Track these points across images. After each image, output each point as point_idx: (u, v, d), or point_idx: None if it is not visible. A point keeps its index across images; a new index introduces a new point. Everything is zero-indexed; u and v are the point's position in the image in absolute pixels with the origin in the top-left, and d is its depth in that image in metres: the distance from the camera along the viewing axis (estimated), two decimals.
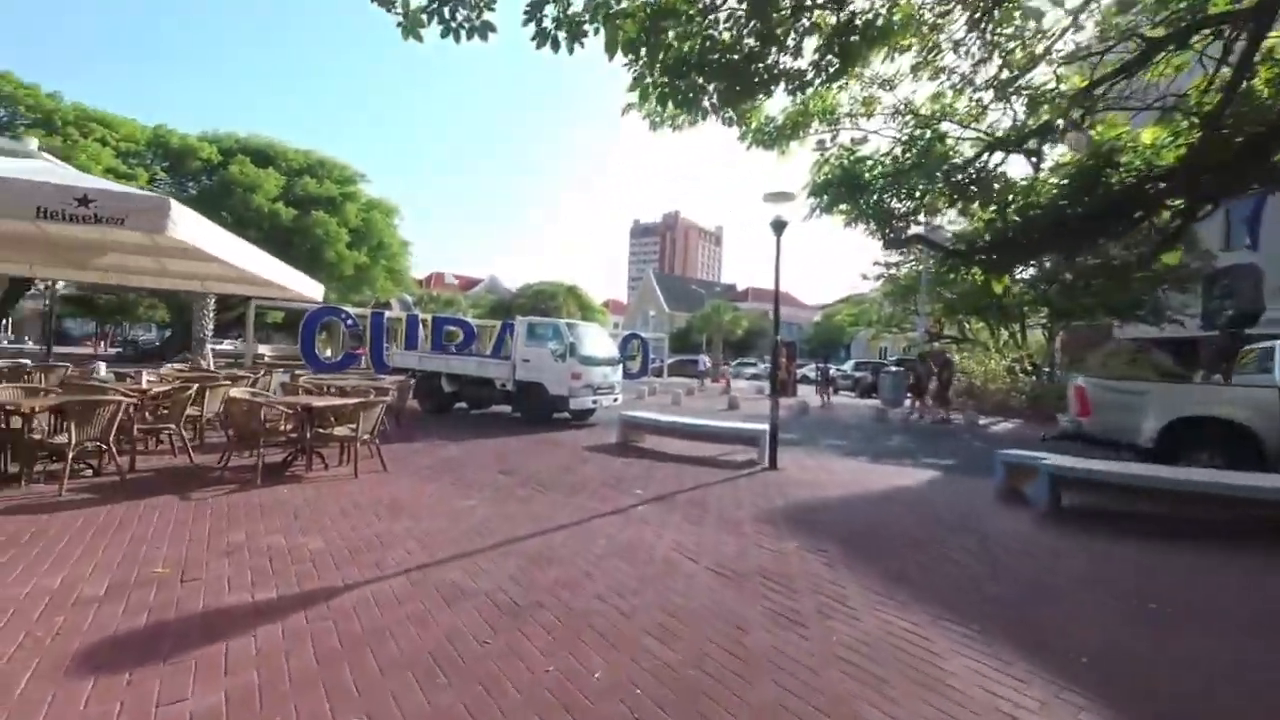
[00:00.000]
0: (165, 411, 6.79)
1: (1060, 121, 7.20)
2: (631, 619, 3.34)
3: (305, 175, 27.25)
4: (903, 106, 8.54)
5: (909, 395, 17.35)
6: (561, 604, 3.49)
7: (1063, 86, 7.46)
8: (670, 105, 5.24)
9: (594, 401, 11.41)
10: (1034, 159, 8.79)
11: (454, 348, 17.19)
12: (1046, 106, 7.26)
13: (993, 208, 8.77)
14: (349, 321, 27.03)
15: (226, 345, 40.66)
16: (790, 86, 5.36)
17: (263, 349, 38.32)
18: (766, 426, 8.62)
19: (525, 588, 3.70)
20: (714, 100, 5.25)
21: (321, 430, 6.46)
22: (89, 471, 5.94)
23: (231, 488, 5.69)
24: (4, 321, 53.72)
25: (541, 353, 11.30)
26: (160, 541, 4.20)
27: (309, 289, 9.65)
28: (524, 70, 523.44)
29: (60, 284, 35.51)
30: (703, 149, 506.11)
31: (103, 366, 19.01)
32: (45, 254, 9.01)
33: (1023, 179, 9.20)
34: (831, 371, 23.43)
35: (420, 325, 27.08)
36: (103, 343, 45.54)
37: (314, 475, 6.36)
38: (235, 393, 6.63)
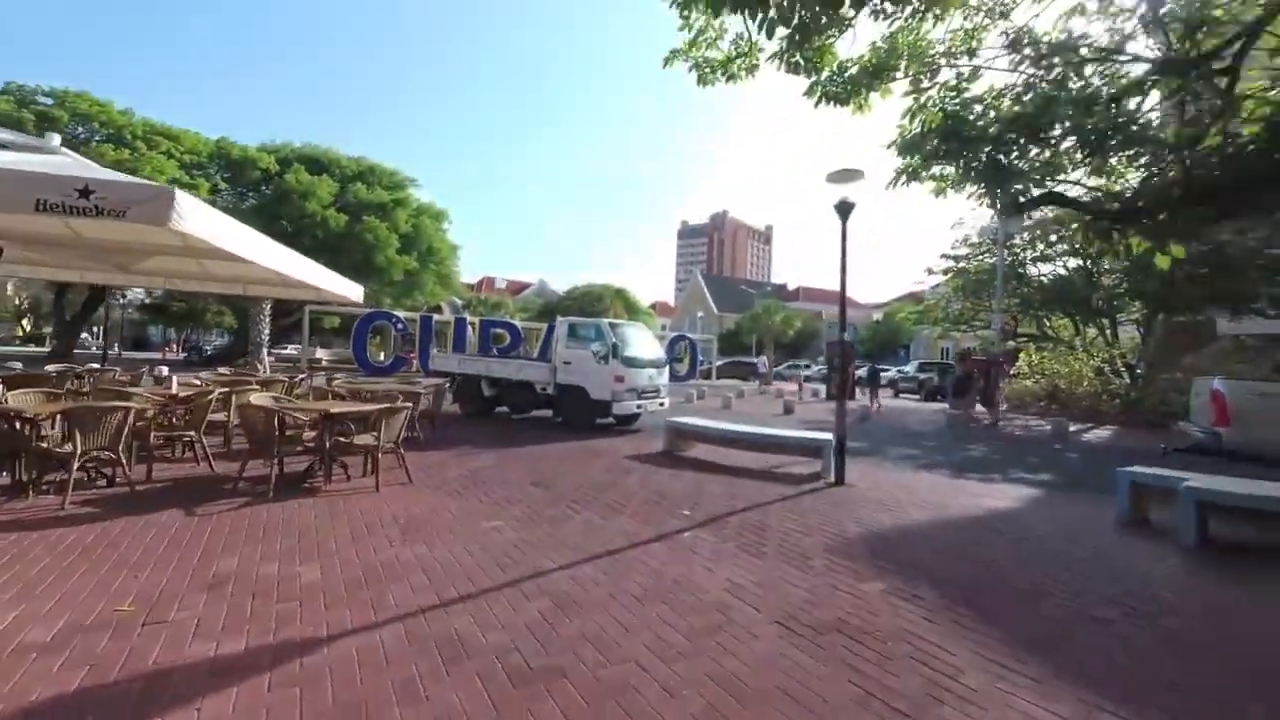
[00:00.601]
0: (188, 418, 6.47)
1: None
2: (676, 698, 2.56)
3: (357, 182, 27.77)
4: (1023, 35, 6.82)
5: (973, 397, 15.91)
6: (586, 671, 2.74)
7: None
8: (725, 9, 4.08)
9: (638, 406, 10.67)
10: (1226, 80, 6.43)
11: (496, 350, 16.87)
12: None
13: (1143, 159, 6.94)
14: (399, 325, 27.36)
15: (290, 350, 42.26)
16: (878, 6, 4.33)
17: (320, 353, 39.56)
18: (830, 435, 7.67)
19: (544, 644, 2.97)
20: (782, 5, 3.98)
21: (342, 439, 5.96)
22: (103, 481, 5.62)
23: (243, 501, 5.23)
24: (93, 328, 57.52)
25: (583, 355, 10.65)
26: (143, 567, 3.70)
27: (346, 289, 9.35)
28: (573, 74, 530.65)
29: (138, 291, 37.65)
30: (753, 144, 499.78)
31: (165, 370, 19.73)
32: (92, 259, 9.02)
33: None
34: (884, 373, 21.95)
35: (467, 328, 27.27)
36: (176, 348, 48.07)
37: (333, 488, 5.86)
38: (255, 399, 6.22)
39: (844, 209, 7.12)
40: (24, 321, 57.39)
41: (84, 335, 62.70)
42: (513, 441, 9.24)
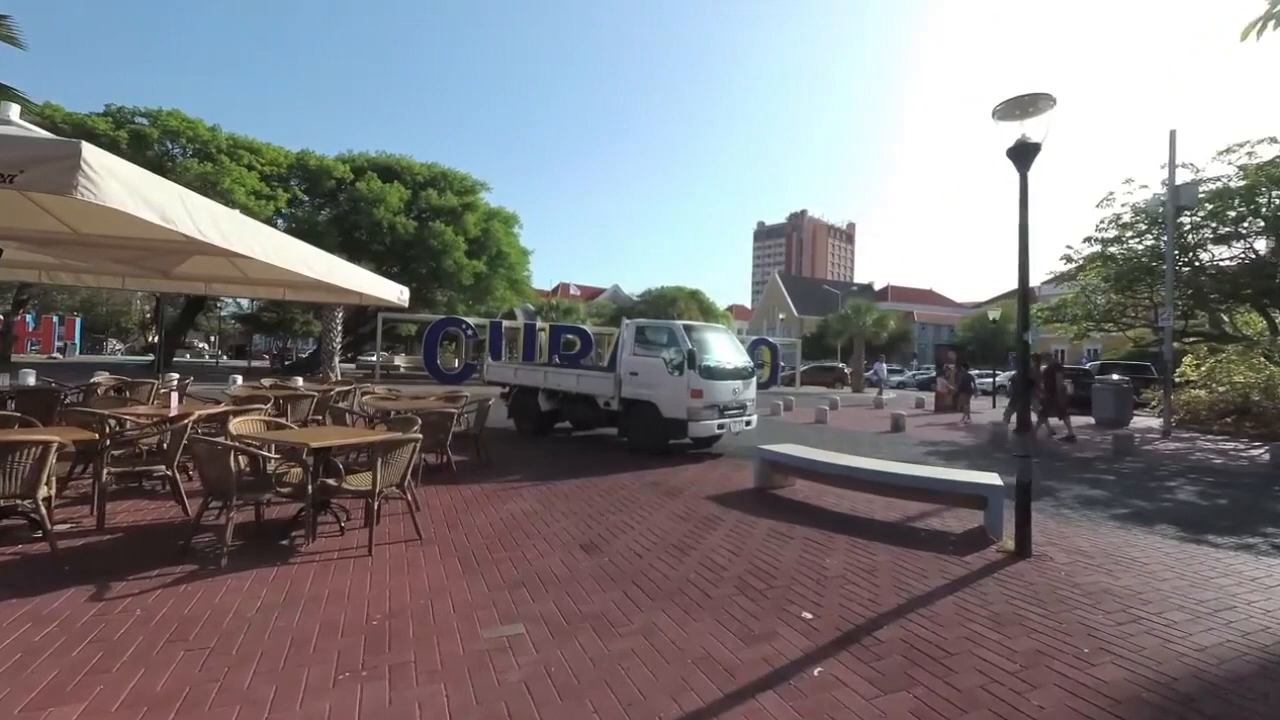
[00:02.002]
0: (164, 447, 5.24)
1: None
2: None
3: (428, 188, 27.53)
4: None
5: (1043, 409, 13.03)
6: None
7: None
8: None
9: (720, 427, 8.74)
10: None
11: (557, 359, 15.38)
12: None
13: None
14: (469, 332, 26.82)
15: (371, 358, 43.46)
16: None
17: (399, 360, 40.26)
18: (996, 479, 5.47)
19: None
20: None
21: (331, 481, 4.47)
22: (40, 533, 4.39)
23: (182, 574, 3.80)
24: (211, 338, 62.07)
25: (653, 364, 8.87)
26: None
27: (384, 291, 8.13)
28: (655, 80, 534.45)
29: (242, 301, 39.71)
30: (831, 136, 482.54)
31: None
32: (130, 264, 8.29)
33: None
34: (985, 380, 18.76)
35: (537, 334, 26.25)
36: (270, 357, 50.61)
37: (318, 547, 4.36)
38: (236, 427, 4.87)
39: (1023, 153, 4.94)
40: (149, 332, 62.69)
41: (202, 345, 68.07)
42: (567, 469, 7.57)
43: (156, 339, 30.00)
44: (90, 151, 3.02)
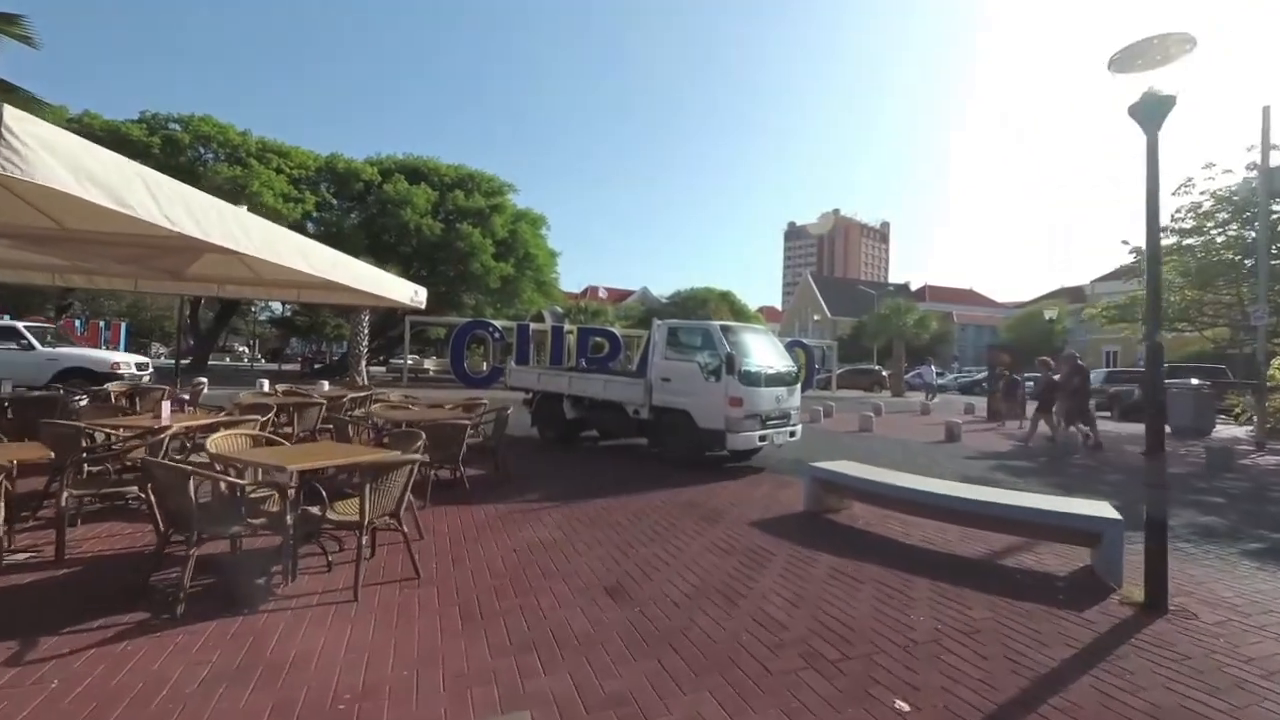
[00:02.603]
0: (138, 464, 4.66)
1: None
2: None
3: (456, 189, 27.27)
4: None
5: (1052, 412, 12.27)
6: None
7: None
8: None
9: (762, 439, 7.88)
10: None
11: (585, 362, 14.64)
12: None
13: None
14: (496, 335, 26.39)
15: (409, 361, 43.45)
16: None
17: (429, 363, 40.22)
18: (1107, 509, 4.52)
19: None
20: None
21: (313, 510, 3.80)
22: None
23: (126, 624, 3.16)
24: (250, 342, 63.41)
25: (687, 369, 8.07)
26: None
27: (396, 291, 7.56)
28: (676, 75, 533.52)
29: (275, 305, 40.30)
30: (866, 133, 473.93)
31: (264, 383, 19.82)
32: (139, 265, 7.92)
33: None
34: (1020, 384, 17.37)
35: (564, 337, 25.67)
36: (302, 361, 51.28)
37: (291, 593, 3.69)
38: (216, 443, 4.25)
39: (1153, 110, 4.00)
40: (187, 335, 64.31)
41: (242, 349, 69.67)
42: (592, 486, 6.82)
43: (191, 342, 30.42)
44: (14, 117, 2.40)
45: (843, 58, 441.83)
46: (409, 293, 8.09)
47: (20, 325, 13.34)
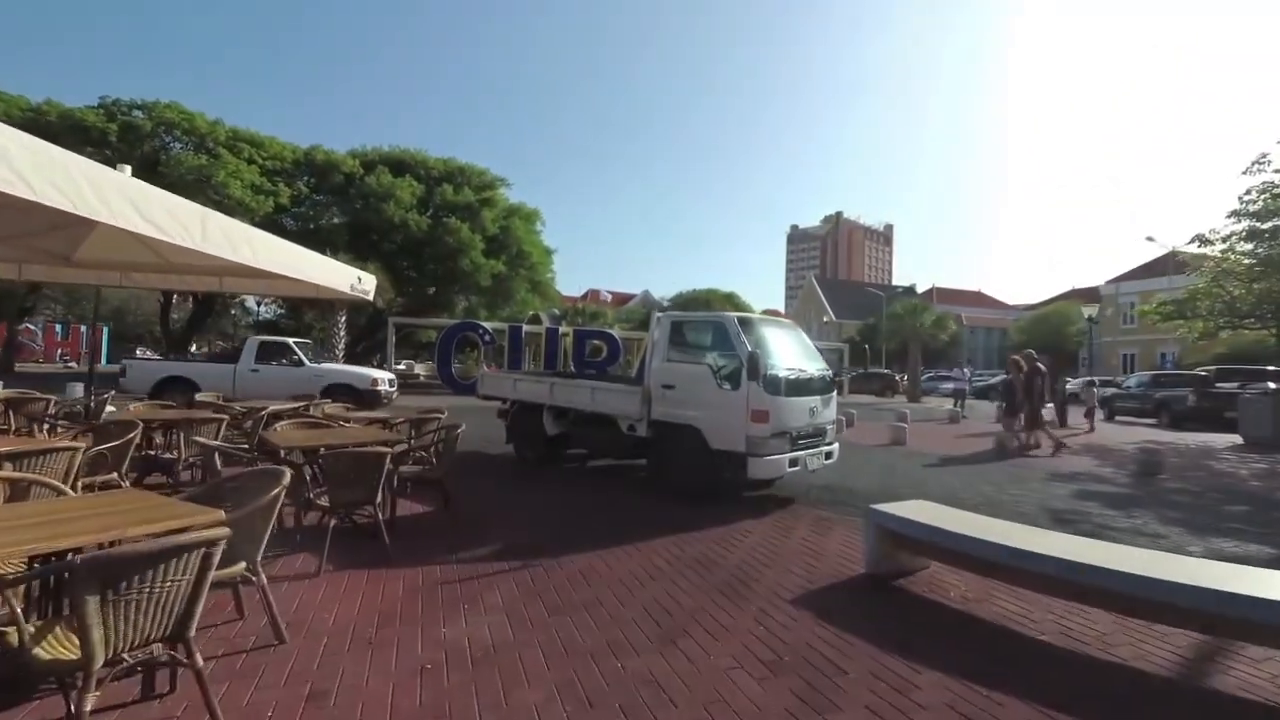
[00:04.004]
0: None
1: None
2: None
3: (444, 183, 25.61)
4: None
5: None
6: None
7: None
8: None
9: (793, 463, 6.09)
10: None
11: (574, 368, 12.82)
12: None
13: None
14: (486, 337, 24.63)
15: (400, 367, 41.65)
16: None
17: (419, 369, 38.48)
18: None
19: None
20: None
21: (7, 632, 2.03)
22: None
23: None
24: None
25: (696, 373, 6.32)
26: None
27: (334, 277, 5.98)
28: (677, 77, 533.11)
29: (259, 304, 38.57)
30: (869, 135, 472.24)
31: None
32: (25, 249, 6.43)
33: None
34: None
35: (559, 340, 23.91)
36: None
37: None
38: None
39: None
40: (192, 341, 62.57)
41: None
42: (569, 533, 5.03)
43: (146, 350, 28.66)
44: None
45: (850, 61, 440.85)
46: (349, 279, 6.50)
47: (291, 342, 13.69)
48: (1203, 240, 14.34)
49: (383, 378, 14.69)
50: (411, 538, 4.65)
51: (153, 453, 5.70)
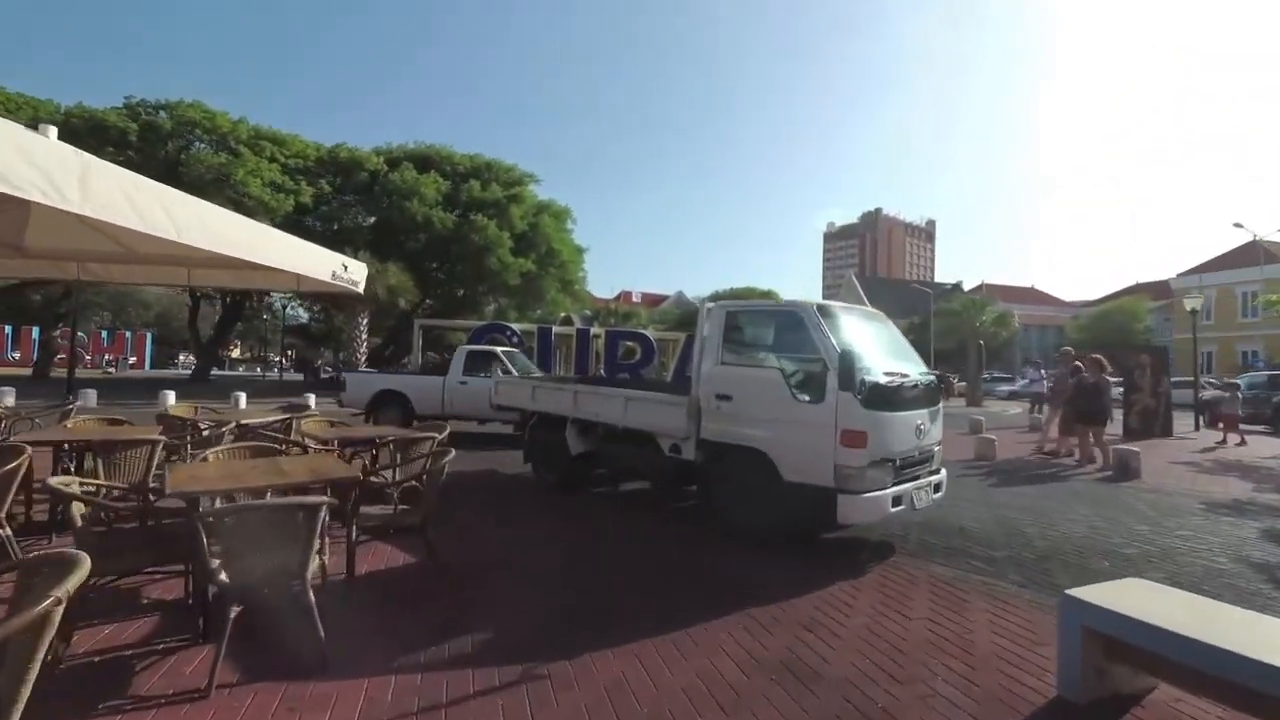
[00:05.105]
0: None
1: None
2: None
3: (471, 180, 24.61)
4: None
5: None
6: None
7: None
8: None
9: (897, 502, 4.49)
10: None
11: (606, 371, 11.19)
12: None
13: None
14: (514, 339, 23.49)
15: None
16: None
17: None
18: None
19: None
20: None
21: None
22: None
23: None
24: (292, 352, 62.32)
25: (763, 380, 4.80)
26: None
27: (314, 264, 5.10)
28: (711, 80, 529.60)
29: (285, 307, 38.46)
30: (907, 129, 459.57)
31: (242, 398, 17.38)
32: None
33: None
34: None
35: (591, 341, 22.55)
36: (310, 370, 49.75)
37: None
38: None
39: None
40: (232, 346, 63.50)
41: (277, 358, 69.20)
42: (591, 608, 3.54)
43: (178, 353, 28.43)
44: None
45: (880, 55, 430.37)
46: (331, 266, 5.34)
47: (500, 351, 12.44)
48: None
49: None
50: (365, 623, 3.26)
51: None
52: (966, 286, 73.80)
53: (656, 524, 5.63)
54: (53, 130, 3.50)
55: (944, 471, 5.25)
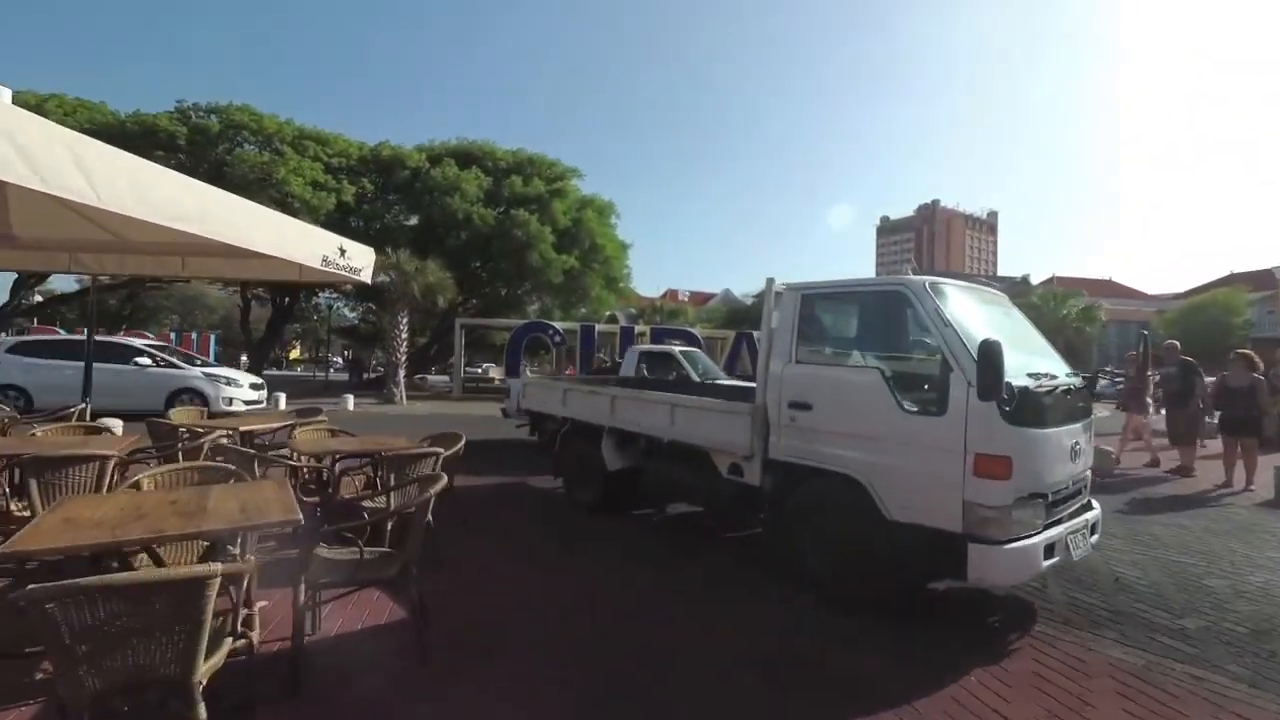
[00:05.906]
0: None
1: None
2: None
3: (513, 175, 24.00)
4: None
5: None
6: None
7: None
8: None
9: (1051, 552, 3.23)
10: None
11: (646, 373, 9.77)
12: None
13: None
14: (556, 338, 22.76)
15: (474, 370, 40.92)
16: None
17: (493, 372, 37.55)
18: None
19: None
20: None
21: None
22: None
23: None
24: (344, 353, 63.98)
25: (854, 382, 3.62)
26: None
27: (307, 247, 4.41)
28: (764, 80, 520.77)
29: (330, 307, 39.11)
30: (962, 120, 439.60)
31: (282, 398, 17.19)
32: None
33: None
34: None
35: (635, 339, 21.60)
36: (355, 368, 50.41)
37: None
38: None
39: None
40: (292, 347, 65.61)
41: (336, 359, 71.24)
42: (623, 714, 2.51)
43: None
44: None
45: (935, 44, 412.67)
46: (325, 249, 4.51)
47: (677, 352, 11.52)
48: None
49: None
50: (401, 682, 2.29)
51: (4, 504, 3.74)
52: (1034, 280, 69.21)
53: (711, 567, 4.51)
54: (7, 92, 2.89)
55: (1098, 507, 3.92)
